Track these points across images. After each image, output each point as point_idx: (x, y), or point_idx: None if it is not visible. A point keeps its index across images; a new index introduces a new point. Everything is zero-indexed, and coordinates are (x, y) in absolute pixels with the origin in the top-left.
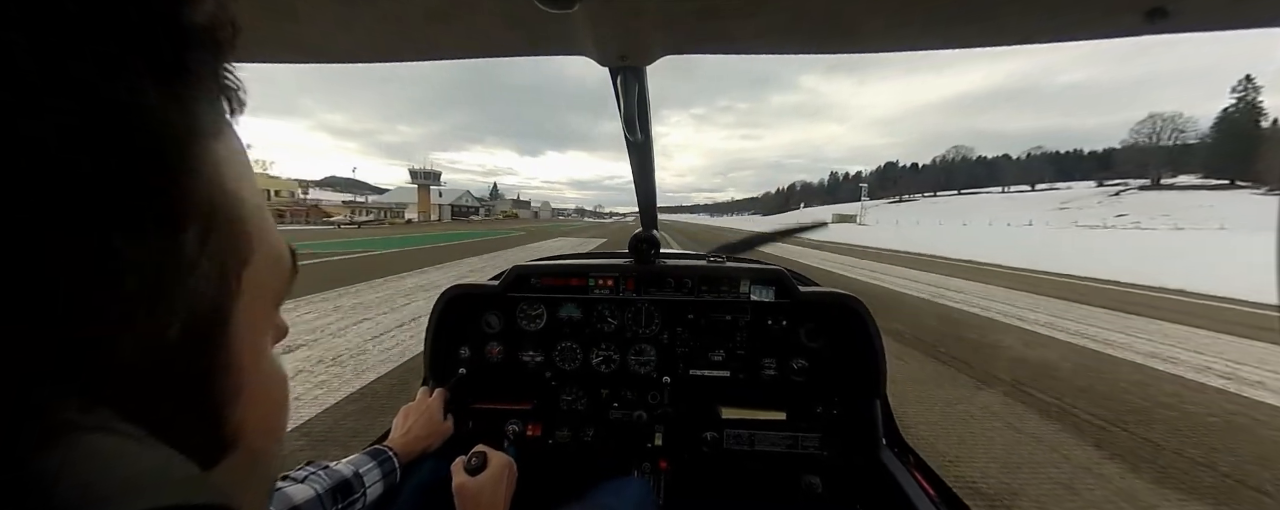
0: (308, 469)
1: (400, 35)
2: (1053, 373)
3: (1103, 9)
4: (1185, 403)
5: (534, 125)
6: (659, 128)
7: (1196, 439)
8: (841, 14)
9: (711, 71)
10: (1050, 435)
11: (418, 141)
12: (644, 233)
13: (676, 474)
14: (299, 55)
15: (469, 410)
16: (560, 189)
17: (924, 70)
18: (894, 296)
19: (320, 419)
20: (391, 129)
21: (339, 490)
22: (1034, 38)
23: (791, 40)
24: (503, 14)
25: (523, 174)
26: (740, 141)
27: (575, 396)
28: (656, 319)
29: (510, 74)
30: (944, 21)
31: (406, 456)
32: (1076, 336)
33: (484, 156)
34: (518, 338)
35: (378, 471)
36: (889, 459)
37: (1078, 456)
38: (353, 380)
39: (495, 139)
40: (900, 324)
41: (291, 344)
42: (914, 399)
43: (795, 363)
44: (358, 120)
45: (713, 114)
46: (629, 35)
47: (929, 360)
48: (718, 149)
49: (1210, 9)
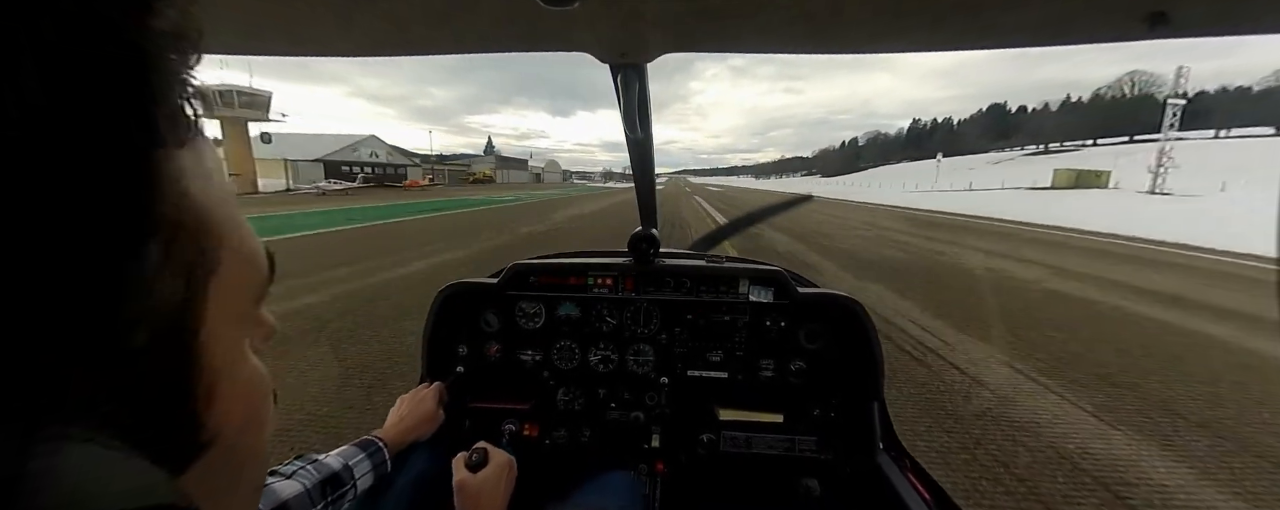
0: (296, 464)
1: (403, 31)
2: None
3: (1103, 13)
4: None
5: (563, 86)
6: (693, 84)
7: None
8: (841, 14)
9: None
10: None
11: (450, 104)
12: (643, 231)
13: (673, 477)
14: (303, 49)
15: (466, 409)
16: (592, 151)
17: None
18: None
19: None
20: (424, 93)
21: (328, 483)
22: (1035, 40)
23: (791, 40)
24: (505, 11)
25: (555, 137)
26: (782, 96)
27: (572, 396)
28: (655, 319)
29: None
30: (944, 23)
31: (397, 446)
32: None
33: (515, 119)
34: (516, 336)
35: (367, 463)
36: (886, 463)
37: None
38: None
39: (525, 99)
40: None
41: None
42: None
43: (793, 364)
44: (394, 84)
45: (751, 65)
46: (629, 33)
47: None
48: (756, 106)
49: (1211, 15)
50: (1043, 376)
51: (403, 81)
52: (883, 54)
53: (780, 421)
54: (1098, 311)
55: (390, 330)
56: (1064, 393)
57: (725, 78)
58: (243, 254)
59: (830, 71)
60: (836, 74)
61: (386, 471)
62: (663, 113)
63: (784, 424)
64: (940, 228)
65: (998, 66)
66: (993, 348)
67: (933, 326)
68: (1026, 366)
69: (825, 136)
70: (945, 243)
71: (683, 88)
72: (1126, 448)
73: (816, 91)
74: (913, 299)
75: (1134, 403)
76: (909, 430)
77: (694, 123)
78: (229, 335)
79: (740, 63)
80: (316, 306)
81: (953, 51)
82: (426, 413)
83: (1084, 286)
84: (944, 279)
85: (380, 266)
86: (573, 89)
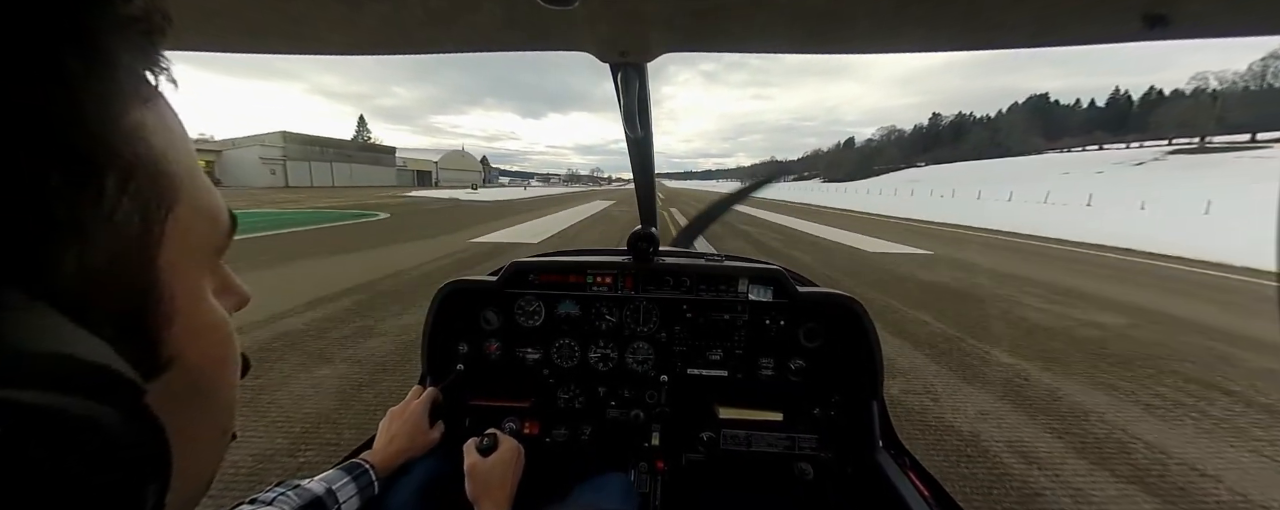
0: (277, 490)
1: (402, 30)
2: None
3: (1101, 14)
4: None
5: (533, 87)
6: (666, 89)
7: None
8: (839, 14)
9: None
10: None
11: (415, 105)
12: (643, 230)
13: (673, 475)
14: (301, 47)
15: (466, 407)
16: (566, 154)
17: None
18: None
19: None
20: (387, 92)
21: (310, 509)
22: (1031, 41)
23: (790, 40)
24: (504, 10)
25: (525, 138)
26: (751, 102)
27: (572, 394)
28: (655, 317)
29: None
30: (942, 24)
31: (387, 468)
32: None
33: (484, 120)
34: (516, 334)
35: (353, 487)
36: (885, 461)
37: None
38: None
39: (493, 101)
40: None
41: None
42: None
43: (793, 363)
44: (353, 82)
45: (723, 72)
46: (629, 32)
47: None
48: (727, 112)
49: (1210, 17)
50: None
51: (363, 79)
52: (882, 54)
53: (780, 420)
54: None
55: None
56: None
57: (697, 83)
58: (200, 205)
59: (798, 79)
60: (804, 82)
61: (374, 494)
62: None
63: (783, 422)
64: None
65: (952, 74)
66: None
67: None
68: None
69: (793, 142)
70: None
71: (656, 93)
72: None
73: (786, 98)
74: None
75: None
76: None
77: (666, 127)
78: (187, 270)
79: (711, 68)
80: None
81: (952, 52)
82: (420, 434)
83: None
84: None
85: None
86: (543, 91)
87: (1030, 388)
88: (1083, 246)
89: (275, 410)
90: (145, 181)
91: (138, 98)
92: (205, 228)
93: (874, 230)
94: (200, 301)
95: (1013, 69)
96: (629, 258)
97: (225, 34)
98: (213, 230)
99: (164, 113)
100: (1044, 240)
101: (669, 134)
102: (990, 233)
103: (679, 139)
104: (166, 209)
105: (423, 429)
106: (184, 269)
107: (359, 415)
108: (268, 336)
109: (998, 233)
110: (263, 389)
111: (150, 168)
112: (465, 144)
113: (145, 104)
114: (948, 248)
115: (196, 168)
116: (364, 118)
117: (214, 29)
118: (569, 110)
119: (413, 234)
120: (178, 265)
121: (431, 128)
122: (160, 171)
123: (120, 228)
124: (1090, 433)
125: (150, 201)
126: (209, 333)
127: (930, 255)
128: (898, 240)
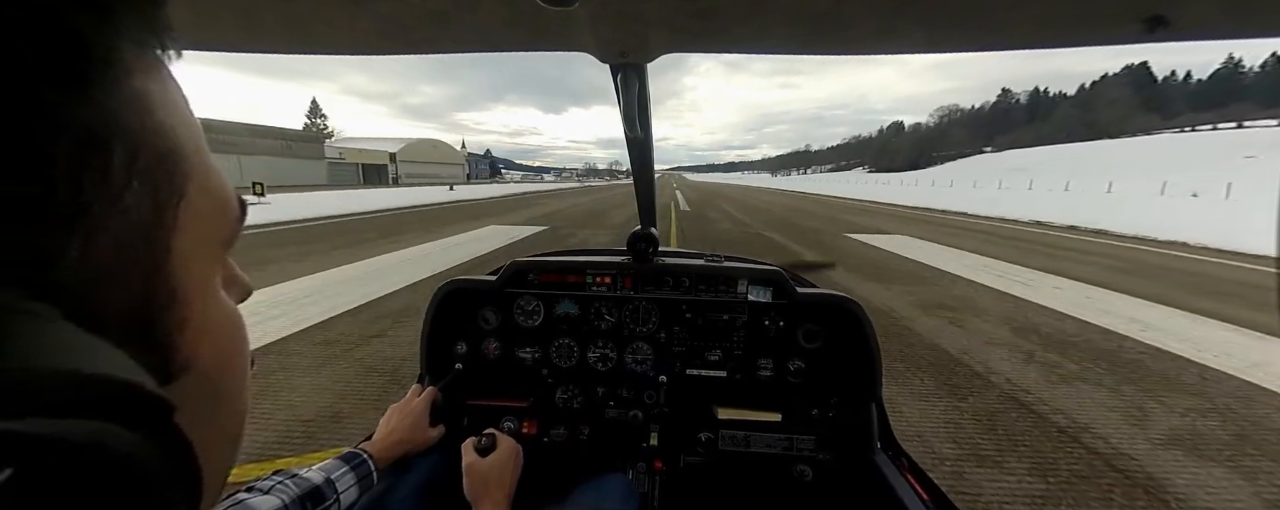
0: (275, 478)
1: (403, 30)
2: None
3: (1101, 16)
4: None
5: (555, 82)
6: (688, 79)
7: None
8: (840, 15)
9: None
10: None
11: (441, 102)
12: (643, 230)
13: (671, 475)
14: (304, 47)
15: (464, 406)
16: (587, 148)
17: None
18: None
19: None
20: (414, 90)
21: (308, 498)
22: (1032, 43)
23: (790, 40)
24: (505, 10)
25: (547, 133)
26: (777, 92)
27: (571, 394)
28: (654, 317)
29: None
30: (943, 25)
31: (386, 459)
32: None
33: (506, 116)
34: (514, 334)
35: (351, 476)
36: (883, 462)
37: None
38: None
39: (516, 97)
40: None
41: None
42: None
43: (792, 364)
44: (380, 80)
45: (746, 61)
46: (630, 33)
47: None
48: (751, 102)
49: (1210, 19)
50: None
51: (391, 78)
52: (883, 56)
53: (778, 420)
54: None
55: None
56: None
57: (719, 74)
58: (211, 191)
59: (827, 67)
60: (833, 69)
61: (372, 485)
62: (657, 109)
63: (782, 423)
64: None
65: (989, 58)
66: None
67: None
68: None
69: (822, 132)
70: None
71: (676, 84)
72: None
73: (814, 87)
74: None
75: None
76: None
77: (688, 119)
78: (199, 265)
79: (734, 58)
80: None
81: (952, 53)
82: (420, 430)
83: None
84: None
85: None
86: (564, 86)
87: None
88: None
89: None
90: (153, 160)
91: (140, 63)
92: (216, 215)
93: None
94: (212, 297)
95: (1056, 51)
96: (628, 258)
97: (223, 32)
98: (224, 218)
99: (168, 85)
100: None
101: (690, 126)
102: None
103: (701, 131)
104: (179, 194)
105: (423, 426)
106: (196, 261)
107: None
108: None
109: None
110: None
111: (158, 144)
112: (487, 140)
113: (148, 73)
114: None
115: (204, 149)
116: (317, 102)
117: (211, 26)
118: (591, 104)
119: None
120: (190, 257)
121: (456, 125)
122: (169, 150)
123: (130, 213)
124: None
125: (161, 184)
126: (221, 328)
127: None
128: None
